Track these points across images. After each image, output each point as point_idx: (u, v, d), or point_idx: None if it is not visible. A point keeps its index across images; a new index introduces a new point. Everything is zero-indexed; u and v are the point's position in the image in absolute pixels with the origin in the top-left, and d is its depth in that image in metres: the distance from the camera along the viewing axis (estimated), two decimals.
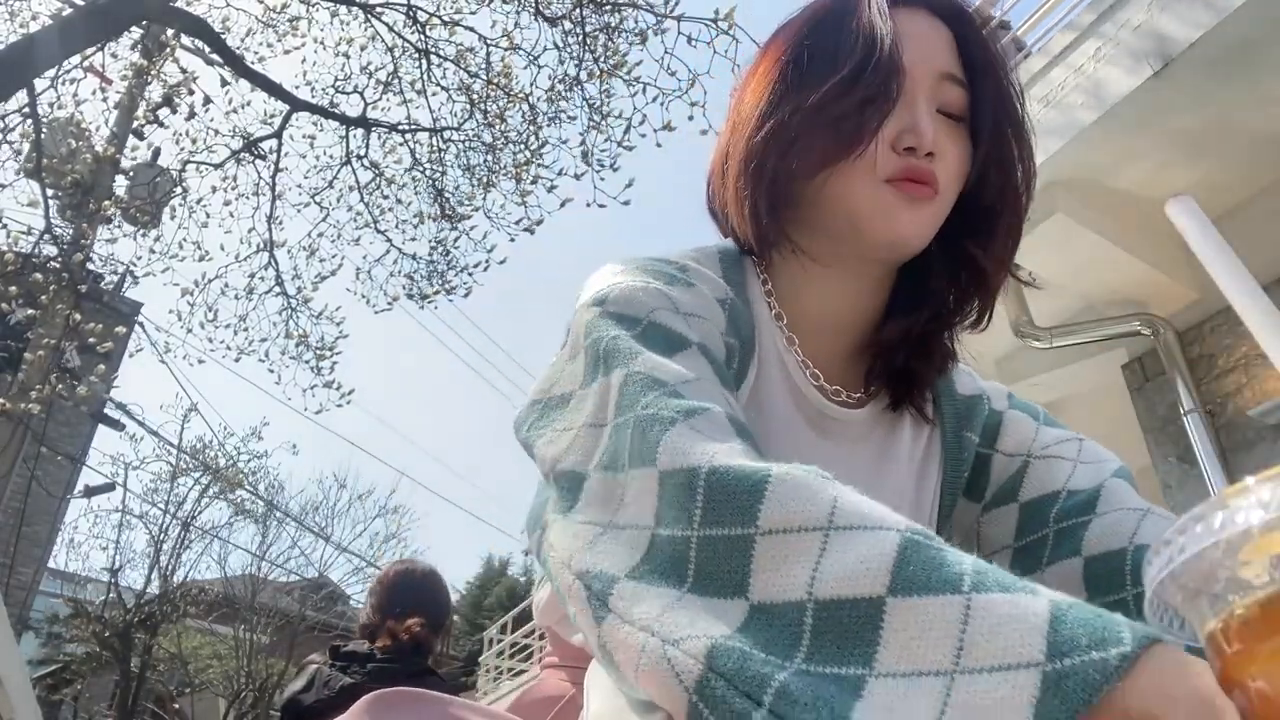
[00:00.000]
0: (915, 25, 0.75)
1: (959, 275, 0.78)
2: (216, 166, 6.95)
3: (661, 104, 6.13)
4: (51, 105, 6.18)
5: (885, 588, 0.45)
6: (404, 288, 7.34)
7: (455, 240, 7.25)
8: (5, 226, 6.03)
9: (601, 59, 6.40)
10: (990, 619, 0.42)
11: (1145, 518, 0.71)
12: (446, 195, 7.16)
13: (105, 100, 6.74)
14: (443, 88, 6.88)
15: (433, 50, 6.73)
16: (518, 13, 6.53)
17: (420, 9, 6.59)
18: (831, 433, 0.77)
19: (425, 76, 6.79)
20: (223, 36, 6.39)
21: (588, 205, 6.45)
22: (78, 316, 5.87)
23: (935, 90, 0.74)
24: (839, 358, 0.79)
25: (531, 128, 6.85)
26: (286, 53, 6.95)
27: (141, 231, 6.86)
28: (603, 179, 6.46)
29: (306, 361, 7.12)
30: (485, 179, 7.04)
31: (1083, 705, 0.38)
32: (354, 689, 1.82)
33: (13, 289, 5.71)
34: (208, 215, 7.12)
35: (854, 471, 0.70)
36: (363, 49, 6.93)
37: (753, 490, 0.50)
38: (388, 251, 7.26)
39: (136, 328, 7.18)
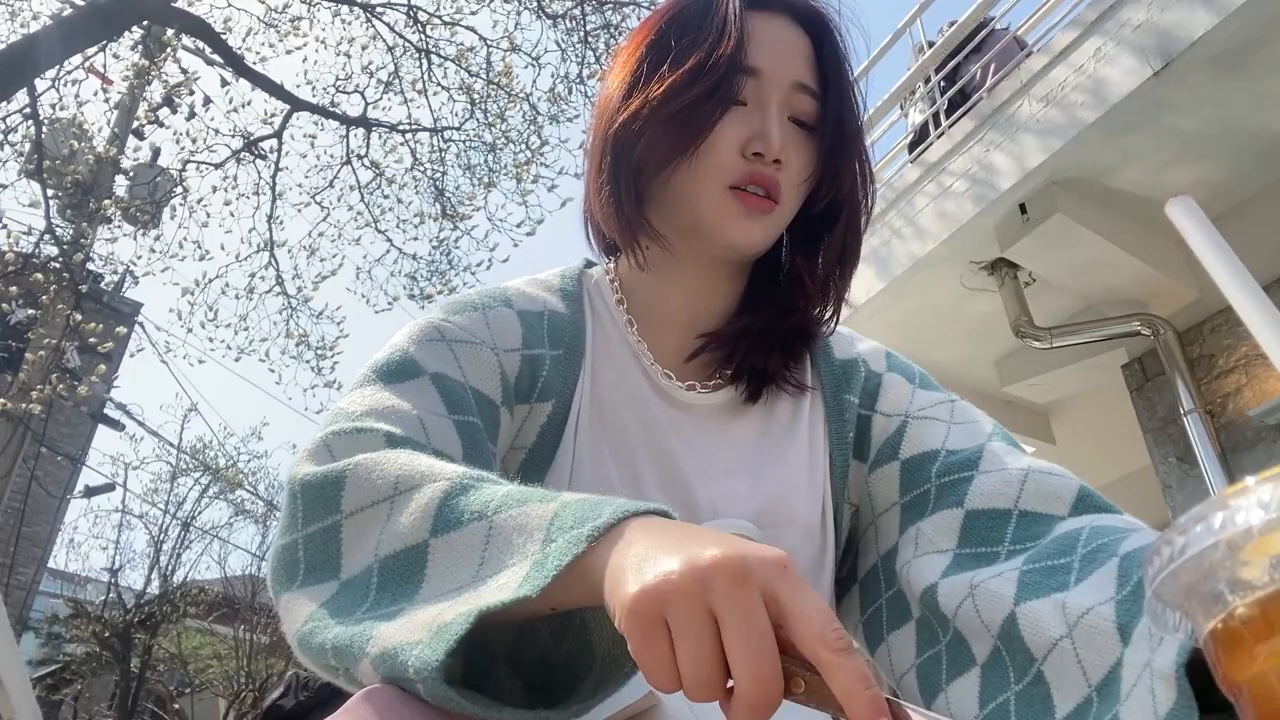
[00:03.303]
0: (775, 31, 0.76)
1: (803, 276, 0.81)
2: (217, 166, 6.94)
3: None
4: (53, 106, 6.18)
5: (429, 532, 0.51)
6: (405, 288, 7.34)
7: (456, 240, 7.25)
8: (6, 226, 6.02)
9: (604, 57, 6.40)
10: (505, 532, 0.49)
11: (1028, 478, 0.70)
12: (447, 195, 7.16)
13: (106, 100, 6.74)
14: (443, 87, 6.88)
15: (433, 50, 6.73)
16: (519, 12, 6.53)
17: (421, 9, 6.59)
18: (694, 411, 0.79)
19: (426, 76, 6.79)
20: (224, 37, 6.39)
21: None
22: (78, 316, 5.85)
23: (788, 98, 0.75)
24: (692, 349, 0.81)
25: (532, 127, 6.85)
26: (288, 53, 6.96)
27: (141, 231, 6.85)
28: None
29: (307, 361, 7.13)
30: (486, 179, 7.04)
31: (554, 570, 0.44)
32: (335, 686, 1.82)
33: (13, 289, 5.71)
34: (208, 215, 7.14)
35: (735, 443, 0.79)
36: (364, 49, 6.94)
37: (335, 483, 0.56)
38: (388, 251, 7.28)
39: (137, 328, 7.16)
